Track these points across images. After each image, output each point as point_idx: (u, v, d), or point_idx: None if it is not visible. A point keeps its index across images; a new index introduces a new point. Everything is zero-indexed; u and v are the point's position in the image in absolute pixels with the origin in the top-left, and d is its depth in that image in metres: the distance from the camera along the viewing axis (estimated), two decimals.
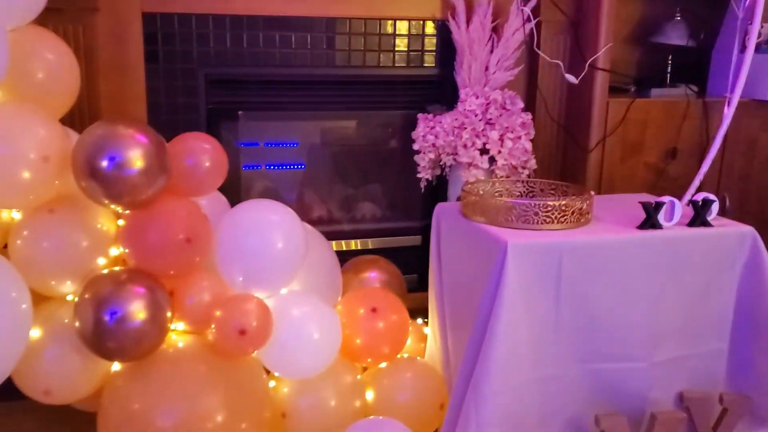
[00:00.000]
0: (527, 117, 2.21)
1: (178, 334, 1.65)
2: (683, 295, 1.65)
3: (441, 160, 2.24)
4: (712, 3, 2.58)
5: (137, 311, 1.50)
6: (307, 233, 1.78)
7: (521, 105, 2.23)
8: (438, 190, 2.38)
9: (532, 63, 2.38)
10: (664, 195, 1.67)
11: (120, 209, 1.58)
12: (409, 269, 2.40)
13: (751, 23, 1.80)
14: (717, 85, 2.55)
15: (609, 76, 2.31)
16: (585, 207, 1.64)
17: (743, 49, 1.87)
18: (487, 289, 1.54)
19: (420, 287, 2.21)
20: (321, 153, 2.56)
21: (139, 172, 1.48)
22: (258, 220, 1.68)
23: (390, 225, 2.62)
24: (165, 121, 2.17)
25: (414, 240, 2.56)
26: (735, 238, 1.67)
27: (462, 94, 2.25)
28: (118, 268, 1.61)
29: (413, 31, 2.38)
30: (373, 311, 1.81)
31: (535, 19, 2.26)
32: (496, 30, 2.27)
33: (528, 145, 2.19)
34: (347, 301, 1.88)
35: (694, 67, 2.63)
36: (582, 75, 2.22)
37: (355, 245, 2.54)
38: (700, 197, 1.68)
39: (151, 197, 1.54)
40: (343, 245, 2.52)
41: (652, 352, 1.65)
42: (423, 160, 2.27)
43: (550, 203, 1.60)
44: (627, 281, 1.60)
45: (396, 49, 2.38)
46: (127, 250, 1.60)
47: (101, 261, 1.63)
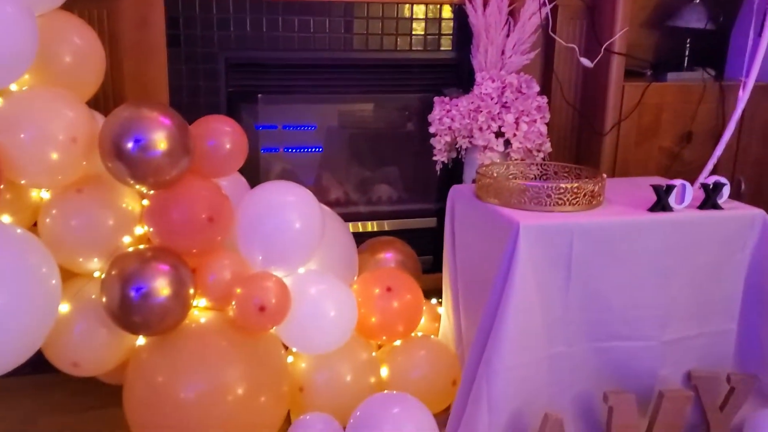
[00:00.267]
0: (543, 100, 2.22)
1: (200, 310, 1.69)
2: (693, 277, 1.68)
3: (457, 143, 2.26)
4: None
5: (161, 287, 1.54)
6: (324, 214, 1.82)
7: (537, 88, 2.24)
8: (454, 172, 2.39)
9: (548, 47, 2.39)
10: (678, 179, 1.69)
11: (145, 189, 1.62)
12: (425, 250, 2.44)
13: None
14: (735, 69, 2.54)
15: (625, 60, 2.31)
16: (597, 189, 1.66)
17: (761, 32, 1.87)
18: (500, 269, 1.57)
19: (435, 268, 2.24)
20: (338, 136, 2.59)
21: (163, 153, 1.52)
22: (277, 201, 1.72)
23: (406, 207, 2.64)
24: (186, 104, 2.20)
25: (430, 222, 2.58)
26: (745, 221, 1.69)
27: (478, 77, 2.27)
28: (143, 246, 1.66)
29: (430, 15, 2.39)
30: (388, 291, 1.86)
31: (552, 3, 2.26)
32: (512, 14, 2.27)
33: (543, 129, 2.21)
34: (363, 281, 1.92)
35: (712, 51, 2.62)
36: (597, 59, 2.23)
37: (372, 227, 2.57)
38: (711, 181, 1.70)
39: (175, 178, 1.58)
40: (360, 227, 2.54)
41: (661, 331, 1.68)
42: (439, 143, 2.29)
43: (562, 185, 1.62)
44: (637, 262, 1.62)
45: (413, 33, 2.39)
46: (152, 228, 1.64)
47: (127, 239, 1.67)
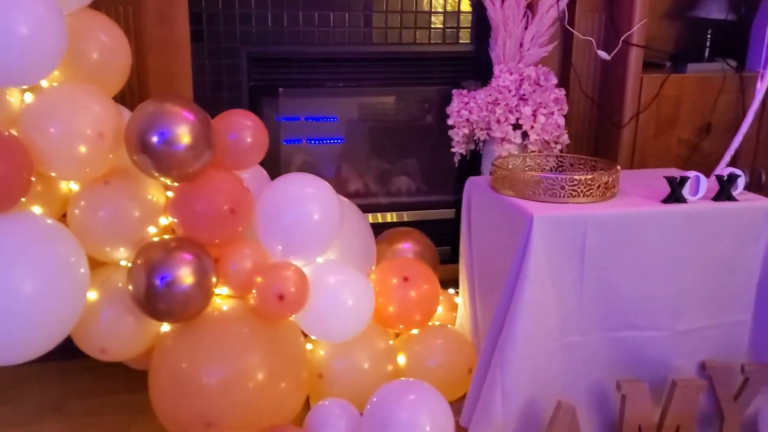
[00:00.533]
0: (560, 93, 2.23)
1: (222, 298, 1.73)
2: (707, 268, 1.68)
3: (475, 135, 2.28)
4: None
5: (185, 276, 1.59)
6: (343, 206, 1.85)
7: (555, 81, 2.25)
8: (472, 164, 2.41)
9: (566, 39, 2.39)
10: (698, 170, 1.69)
11: (169, 182, 1.66)
12: (443, 241, 2.46)
13: None
14: (756, 60, 2.52)
15: (643, 52, 2.31)
16: (611, 181, 1.67)
17: None
18: (514, 260, 1.59)
19: (453, 259, 2.26)
20: (358, 128, 2.62)
21: (187, 147, 1.56)
22: (296, 192, 1.75)
23: (425, 198, 2.66)
24: (209, 98, 2.24)
25: (448, 213, 2.60)
26: (760, 212, 1.69)
27: (496, 70, 2.29)
28: (167, 236, 1.70)
29: (449, 9, 2.41)
30: (405, 280, 1.88)
31: None
32: (530, 7, 2.28)
33: (561, 121, 2.22)
34: (381, 271, 1.95)
35: (733, 42, 2.60)
36: (615, 51, 2.24)
37: (391, 218, 2.60)
38: (726, 172, 1.71)
39: (198, 171, 1.62)
40: (380, 218, 2.58)
41: (675, 321, 1.69)
42: (457, 135, 2.31)
43: (576, 177, 1.63)
44: (650, 253, 1.63)
45: (432, 26, 2.41)
46: (176, 219, 1.68)
47: (152, 230, 1.72)
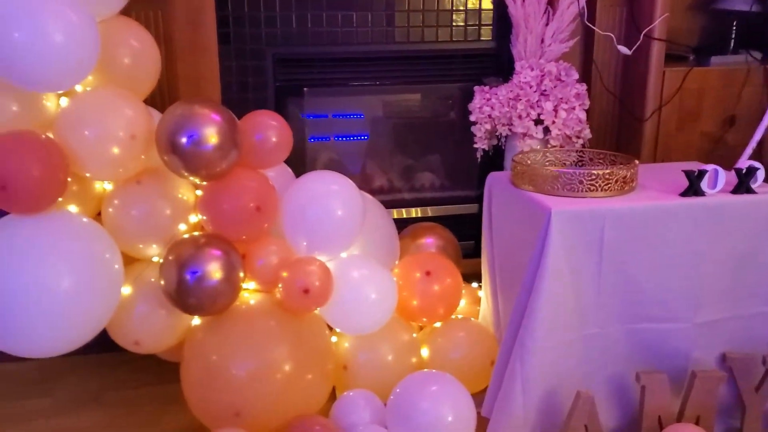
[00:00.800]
0: (582, 88, 2.24)
1: (249, 292, 1.78)
2: (726, 260, 1.69)
3: (497, 130, 2.30)
4: None
5: (214, 271, 1.64)
6: (366, 202, 1.89)
7: (576, 76, 2.26)
8: (494, 159, 2.43)
9: (587, 34, 2.39)
10: (721, 163, 1.69)
11: (198, 181, 1.71)
12: (466, 236, 2.48)
13: None
14: None
15: (665, 45, 2.32)
16: (629, 175, 1.68)
17: None
18: (533, 254, 1.62)
19: (476, 253, 2.27)
20: (382, 125, 2.65)
21: (214, 147, 1.61)
22: (320, 190, 1.79)
23: (448, 194, 2.68)
24: (236, 99, 2.29)
25: (471, 208, 2.62)
26: None
27: (517, 66, 2.30)
28: (197, 233, 1.75)
29: (470, 6, 2.43)
30: (428, 274, 1.91)
31: None
32: (551, 3, 2.28)
33: (582, 115, 2.23)
34: (404, 265, 1.98)
35: (759, 34, 2.58)
36: (636, 46, 2.24)
37: (416, 213, 2.62)
38: (745, 165, 1.71)
39: (225, 170, 1.67)
40: (404, 213, 2.60)
41: (694, 313, 1.70)
42: (479, 130, 2.33)
43: (594, 172, 1.65)
44: (668, 246, 1.64)
45: (453, 24, 2.43)
46: (205, 217, 1.74)
47: (182, 227, 1.77)
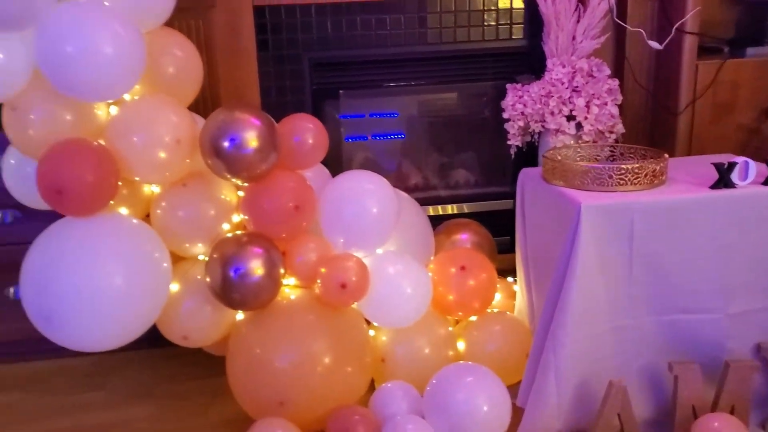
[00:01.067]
0: (614, 83, 2.25)
1: (290, 288, 1.84)
2: (758, 251, 1.68)
3: (530, 127, 2.32)
4: None
5: (256, 268, 1.70)
6: (400, 199, 1.93)
7: (608, 72, 2.27)
8: (528, 155, 2.44)
9: (619, 30, 2.40)
10: (758, 155, 1.69)
11: (240, 182, 1.77)
12: (502, 231, 2.49)
13: None
14: None
15: (698, 38, 2.31)
16: (659, 169, 1.70)
17: None
18: (564, 247, 1.64)
19: (512, 248, 2.28)
20: (418, 124, 2.69)
21: (255, 150, 1.66)
22: (356, 189, 1.84)
23: (484, 190, 2.71)
24: (275, 103, 2.36)
25: (506, 204, 2.63)
26: None
27: (549, 63, 2.32)
28: (239, 232, 1.81)
29: (501, 6, 2.45)
30: (463, 269, 1.95)
31: None
32: (582, 0, 2.33)
33: (614, 110, 2.24)
34: (439, 261, 2.02)
35: None
36: (668, 40, 2.25)
37: (452, 210, 2.65)
38: None
39: (265, 172, 1.72)
40: (440, 210, 2.63)
41: (726, 304, 1.70)
42: (512, 127, 2.35)
43: (623, 166, 1.67)
44: (699, 239, 1.65)
45: (485, 24, 2.46)
46: (247, 216, 1.80)
47: (225, 226, 1.83)
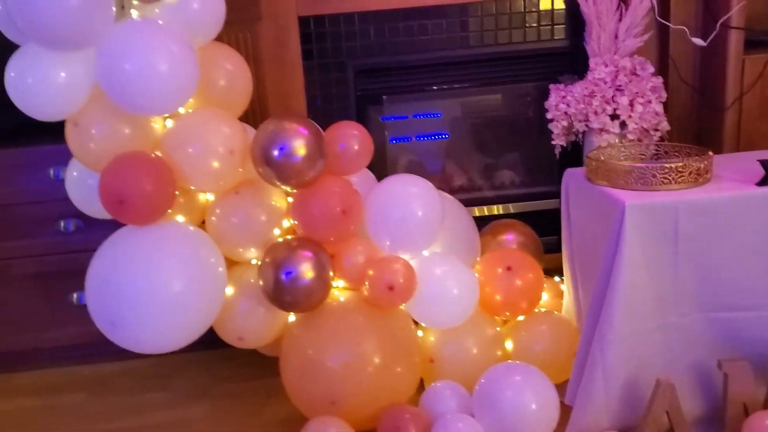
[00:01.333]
0: (658, 81, 2.23)
1: (339, 290, 1.89)
2: None
3: (574, 127, 2.33)
4: None
5: (307, 271, 1.75)
6: (445, 201, 1.96)
7: (651, 69, 2.25)
8: (573, 154, 2.44)
9: (662, 27, 2.38)
10: None
11: (289, 189, 1.83)
12: (548, 231, 2.48)
13: None
14: None
15: (744, 32, 2.28)
16: (703, 167, 1.69)
17: None
18: (608, 247, 1.65)
19: (559, 248, 2.30)
20: (461, 127, 2.70)
21: (303, 158, 1.72)
22: (401, 192, 1.87)
23: (529, 190, 2.71)
24: (320, 110, 2.41)
25: (552, 203, 2.59)
26: None
27: (592, 63, 2.32)
28: (290, 236, 1.87)
29: (542, 7, 2.46)
30: (509, 270, 1.96)
31: None
32: None
33: (659, 108, 2.22)
34: (485, 262, 2.04)
35: None
36: (712, 36, 2.23)
37: (497, 210, 2.66)
38: None
39: (313, 178, 1.78)
40: (485, 211, 2.65)
41: None
42: (556, 127, 2.35)
43: (666, 165, 1.66)
44: (745, 236, 1.64)
45: (526, 26, 2.47)
46: (296, 221, 1.85)
47: (276, 231, 1.88)
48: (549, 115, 2.36)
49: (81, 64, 1.71)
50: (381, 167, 2.40)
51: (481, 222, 2.24)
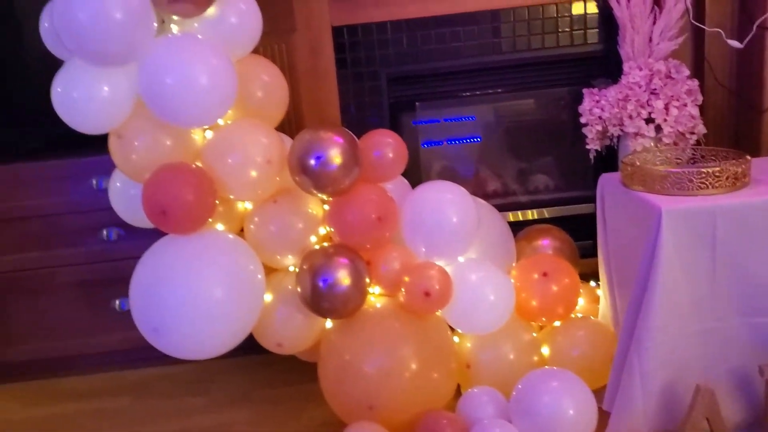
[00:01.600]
0: (693, 84, 2.21)
1: (375, 296, 1.90)
2: None
3: (608, 131, 2.31)
4: None
5: (343, 278, 1.77)
6: (480, 207, 1.97)
7: (687, 72, 2.23)
8: (608, 159, 2.42)
9: (697, 29, 2.36)
10: None
11: (325, 197, 1.86)
12: (584, 236, 2.47)
13: None
14: None
15: None
16: (740, 171, 1.67)
17: None
18: (645, 252, 1.64)
19: (595, 252, 2.28)
20: (494, 132, 2.71)
21: (339, 167, 1.75)
22: (435, 199, 1.89)
23: (564, 195, 2.70)
24: (354, 118, 2.44)
25: (587, 208, 2.58)
26: None
27: (626, 67, 2.30)
28: (326, 243, 1.89)
29: (575, 12, 2.46)
30: (545, 275, 1.96)
31: None
32: (657, 1, 2.28)
33: (695, 111, 2.20)
34: (521, 267, 2.04)
35: None
36: (749, 37, 2.20)
37: (532, 215, 2.66)
38: None
39: (349, 186, 1.80)
40: (520, 216, 2.65)
41: None
42: (591, 132, 2.34)
43: (703, 170, 1.65)
44: None
45: (559, 31, 2.47)
46: (333, 229, 1.87)
47: (313, 239, 1.91)
48: (583, 120, 2.35)
49: (124, 78, 1.75)
50: (414, 172, 2.41)
51: (516, 227, 2.24)
